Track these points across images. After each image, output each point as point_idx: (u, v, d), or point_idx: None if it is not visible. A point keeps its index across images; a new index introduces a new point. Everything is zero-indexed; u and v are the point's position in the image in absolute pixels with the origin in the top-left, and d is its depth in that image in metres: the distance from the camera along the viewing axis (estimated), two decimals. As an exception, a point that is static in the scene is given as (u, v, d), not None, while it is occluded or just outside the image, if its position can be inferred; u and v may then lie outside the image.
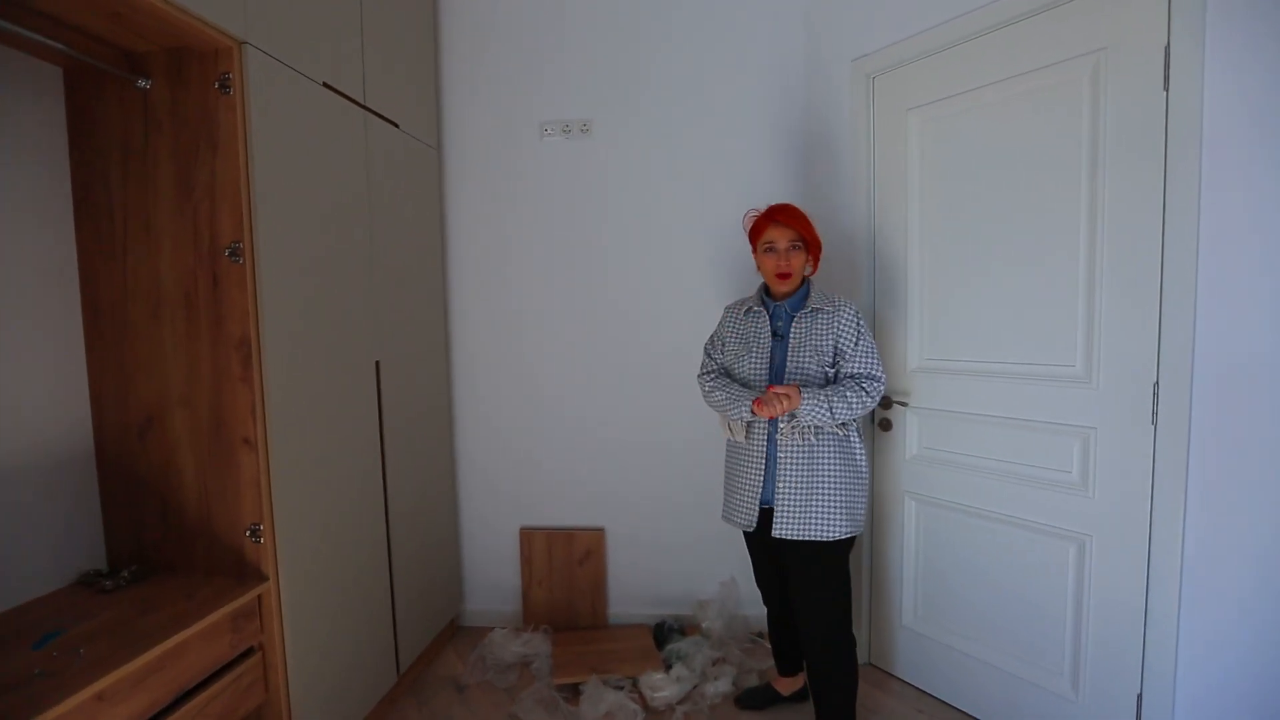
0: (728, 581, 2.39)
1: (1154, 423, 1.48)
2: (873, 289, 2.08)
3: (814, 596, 1.68)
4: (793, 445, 1.64)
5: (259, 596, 1.46)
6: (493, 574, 2.49)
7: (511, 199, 2.39)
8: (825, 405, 1.57)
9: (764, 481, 1.69)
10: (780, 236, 1.70)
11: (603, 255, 2.38)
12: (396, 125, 2.02)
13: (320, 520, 1.63)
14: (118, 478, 1.51)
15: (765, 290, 1.79)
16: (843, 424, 1.65)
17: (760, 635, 2.34)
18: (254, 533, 1.46)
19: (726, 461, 1.82)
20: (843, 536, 1.64)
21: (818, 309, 1.69)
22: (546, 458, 2.45)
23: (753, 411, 1.60)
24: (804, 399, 1.57)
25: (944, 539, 1.94)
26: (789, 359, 1.67)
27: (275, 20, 1.48)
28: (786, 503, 1.64)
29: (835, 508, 1.63)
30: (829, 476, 1.64)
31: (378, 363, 1.90)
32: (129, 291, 1.46)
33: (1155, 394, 1.47)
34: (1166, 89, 1.42)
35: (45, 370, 1.42)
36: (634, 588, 2.45)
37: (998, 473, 1.78)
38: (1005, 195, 1.72)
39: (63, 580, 1.44)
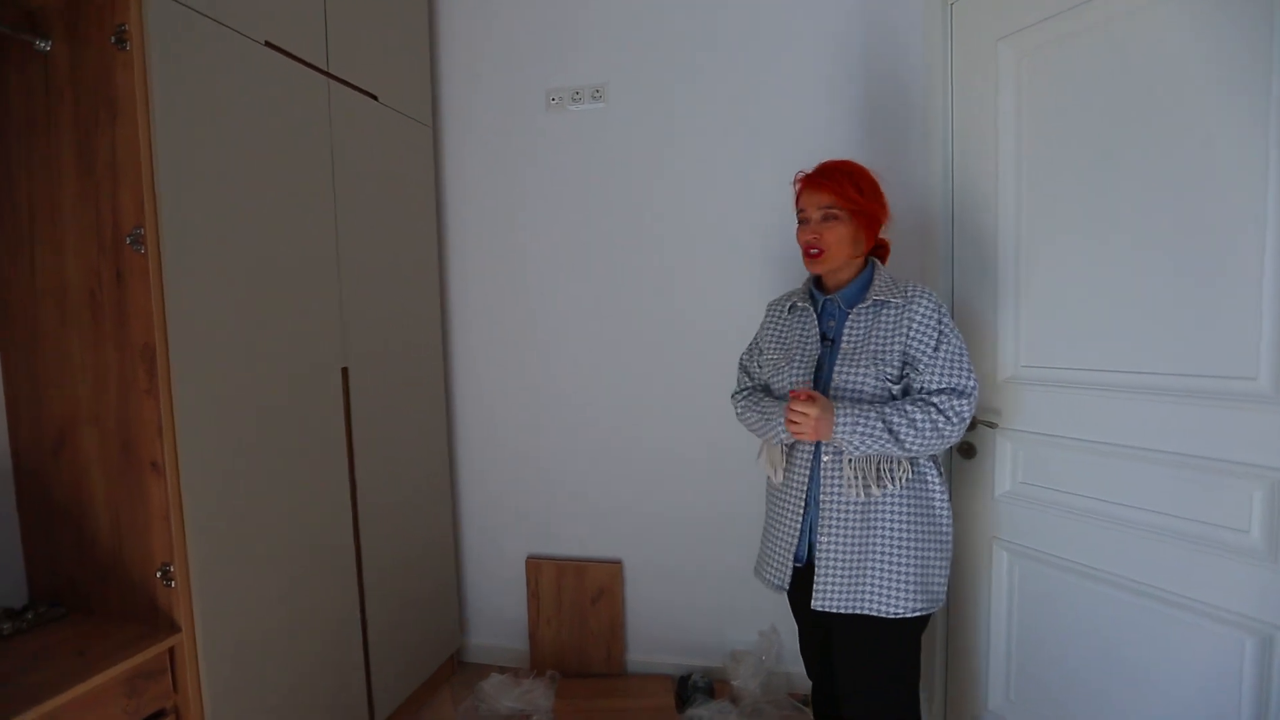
0: (768, 631, 1.99)
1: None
2: (950, 273, 1.62)
3: (866, 682, 1.27)
4: (838, 485, 1.24)
5: (170, 650, 1.23)
6: (498, 606, 2.21)
7: (519, 180, 2.09)
8: (879, 427, 1.17)
9: (800, 531, 1.30)
10: (811, 203, 1.30)
11: (624, 241, 2.03)
12: (375, 97, 1.77)
13: (255, 557, 1.38)
14: (35, 500, 1.33)
15: (815, 281, 1.39)
16: (914, 458, 1.23)
17: (805, 703, 1.92)
18: (165, 574, 1.22)
19: (766, 497, 1.43)
20: (908, 615, 1.22)
21: (882, 301, 1.27)
22: (559, 475, 2.14)
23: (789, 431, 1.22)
24: (840, 418, 1.16)
25: (1050, 605, 1.45)
26: (836, 370, 1.26)
27: (191, -38, 1.24)
28: (829, 564, 1.25)
29: (900, 576, 1.23)
30: (892, 532, 1.23)
31: (345, 370, 1.65)
32: (37, 290, 1.27)
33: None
34: None
35: (-48, 379, 1.26)
36: (656, 632, 2.10)
37: (1132, 525, 1.29)
38: (1146, 142, 1.22)
39: (-31, 619, 1.27)
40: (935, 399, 1.21)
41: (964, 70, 1.56)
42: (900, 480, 1.24)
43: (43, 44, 1.20)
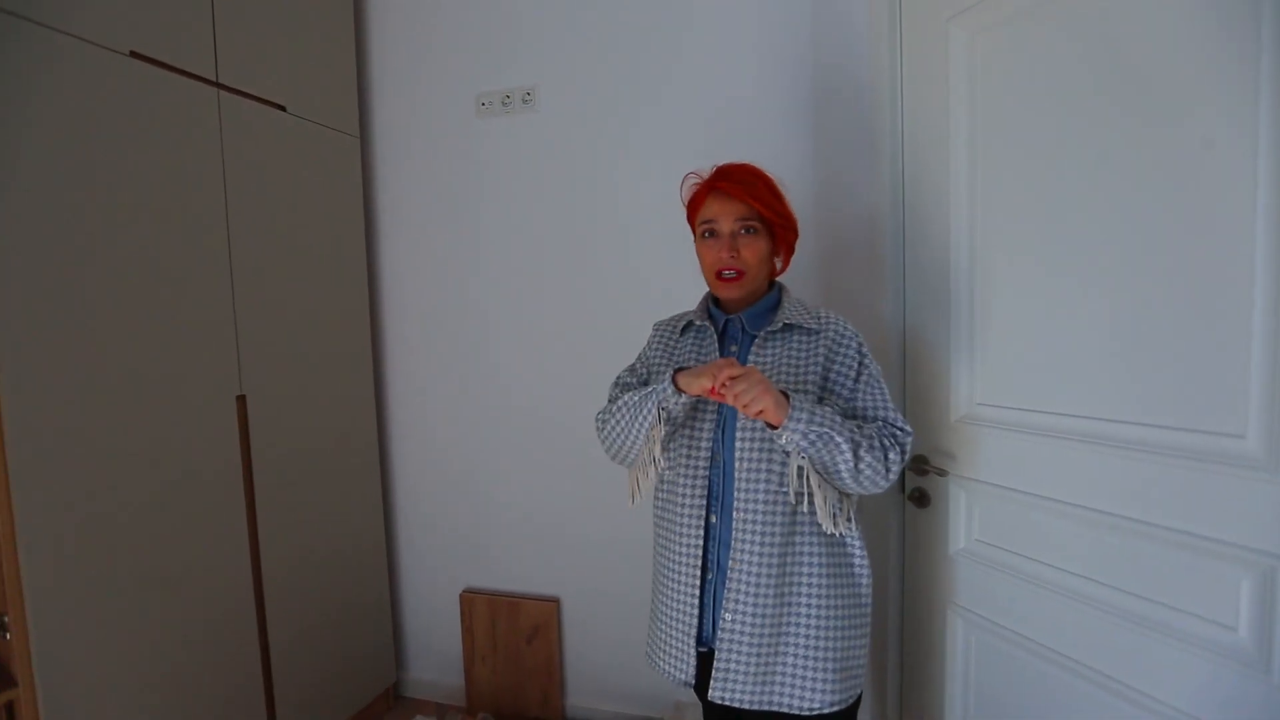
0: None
1: None
2: (902, 295, 1.40)
3: None
4: (751, 539, 1.02)
5: (8, 705, 1.15)
6: (436, 639, 2.09)
7: (453, 186, 1.95)
8: (838, 425, 0.94)
9: (698, 604, 1.07)
10: (724, 213, 1.08)
11: (564, 248, 1.87)
12: (283, 109, 1.67)
13: (116, 601, 1.28)
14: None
15: (713, 299, 1.18)
16: (834, 512, 1.01)
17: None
18: (1, 625, 1.15)
19: (653, 560, 1.23)
20: (826, 710, 1.03)
21: (794, 325, 1.08)
22: (499, 503, 2.00)
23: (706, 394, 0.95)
24: (796, 399, 0.93)
25: (1008, 684, 1.23)
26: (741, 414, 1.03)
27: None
28: (734, 648, 1.03)
29: (819, 664, 1.02)
30: (811, 608, 1.03)
31: (242, 397, 1.56)
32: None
33: None
34: None
35: None
36: (597, 676, 1.94)
37: (1099, 604, 1.06)
38: (1118, 143, 0.99)
39: None
40: (876, 425, 1.02)
41: (913, 57, 1.34)
42: (811, 534, 1.03)
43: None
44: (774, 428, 0.94)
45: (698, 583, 1.07)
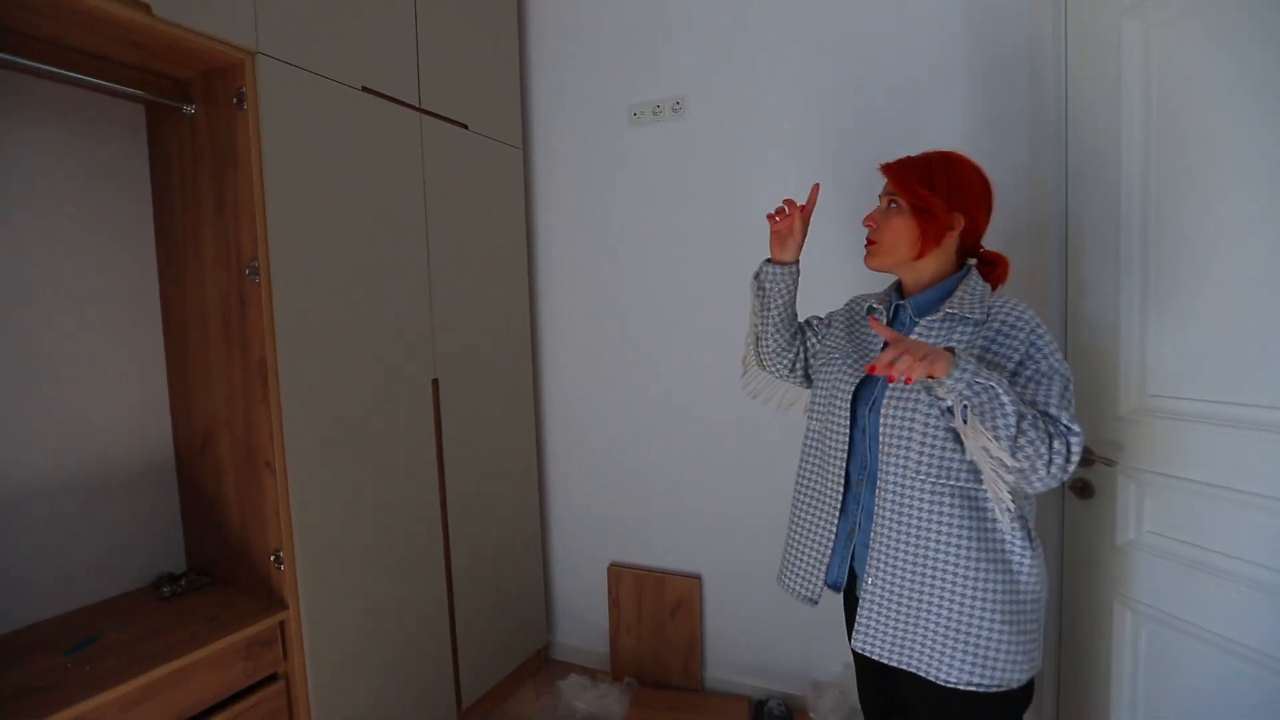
0: (852, 664, 1.86)
1: None
2: (1062, 280, 1.40)
3: None
4: (893, 512, 1.05)
5: (281, 624, 1.42)
6: (582, 609, 2.29)
7: (604, 192, 2.13)
8: (999, 391, 0.92)
9: (833, 545, 1.16)
10: (883, 191, 1.16)
11: (710, 250, 1.99)
12: (465, 126, 1.90)
13: (354, 547, 1.55)
14: (189, 490, 1.60)
15: (899, 283, 1.22)
16: (989, 499, 1.00)
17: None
18: (277, 559, 1.42)
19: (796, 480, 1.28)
20: (968, 688, 1.01)
21: (957, 316, 1.07)
22: (642, 481, 2.16)
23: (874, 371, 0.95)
24: (961, 357, 0.93)
25: (1184, 679, 1.21)
26: (892, 390, 1.08)
27: (295, 25, 1.41)
28: (874, 606, 1.08)
29: (958, 638, 1.01)
30: (954, 583, 1.02)
31: (435, 381, 1.79)
32: (188, 314, 1.52)
33: None
34: None
35: (134, 386, 1.54)
36: (736, 650, 2.05)
37: (1290, 597, 1.04)
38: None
39: (144, 580, 1.56)
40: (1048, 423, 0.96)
41: (1080, 52, 1.34)
42: (961, 513, 1.02)
43: (189, 109, 1.44)
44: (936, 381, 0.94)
45: (834, 517, 1.16)
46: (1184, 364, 1.18)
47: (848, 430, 1.14)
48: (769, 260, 1.26)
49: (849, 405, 1.14)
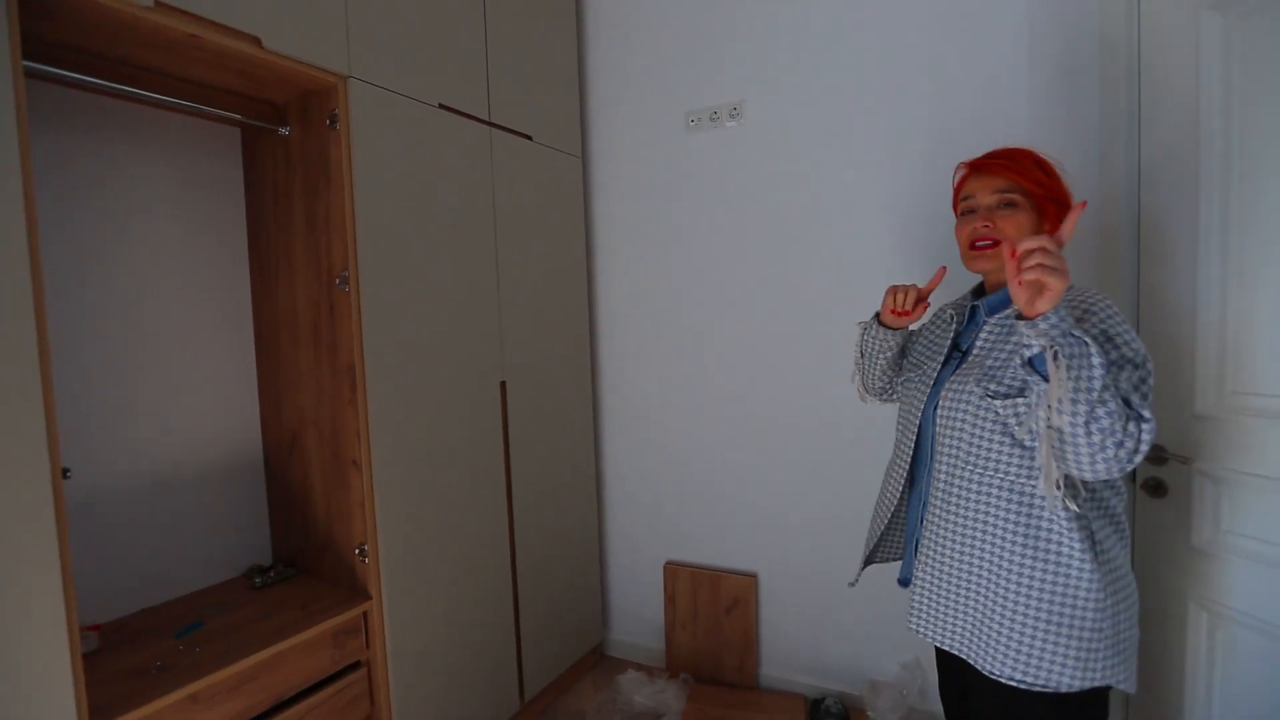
0: (910, 664, 1.87)
1: None
2: (1135, 276, 1.40)
3: None
4: (945, 502, 1.08)
5: (364, 614, 1.50)
6: (638, 606, 2.33)
7: (661, 198, 2.19)
8: (1090, 348, 0.86)
9: (900, 520, 1.28)
10: (981, 188, 1.10)
11: (765, 251, 2.03)
12: (529, 138, 1.98)
13: (430, 542, 1.63)
14: (276, 486, 1.70)
15: (975, 290, 1.23)
16: (1054, 468, 0.94)
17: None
18: (361, 552, 1.50)
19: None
20: (1004, 680, 1.01)
21: None
22: (699, 480, 2.20)
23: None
24: (1063, 310, 0.87)
25: (1266, 678, 1.20)
26: (949, 383, 1.10)
27: (382, 50, 1.50)
28: (923, 591, 1.13)
29: (1003, 633, 1.01)
30: (999, 577, 1.01)
31: (503, 383, 1.87)
32: (279, 320, 1.62)
33: None
34: None
35: (228, 388, 1.65)
36: (791, 648, 2.07)
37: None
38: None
39: (236, 570, 1.66)
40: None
41: (1154, 49, 1.34)
42: (1010, 511, 1.00)
43: (284, 130, 1.54)
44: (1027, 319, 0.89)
45: (899, 493, 1.23)
46: (1267, 360, 1.18)
47: (915, 432, 1.19)
48: (879, 320, 1.28)
49: (919, 412, 1.17)
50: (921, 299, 1.23)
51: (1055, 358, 0.86)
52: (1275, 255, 1.15)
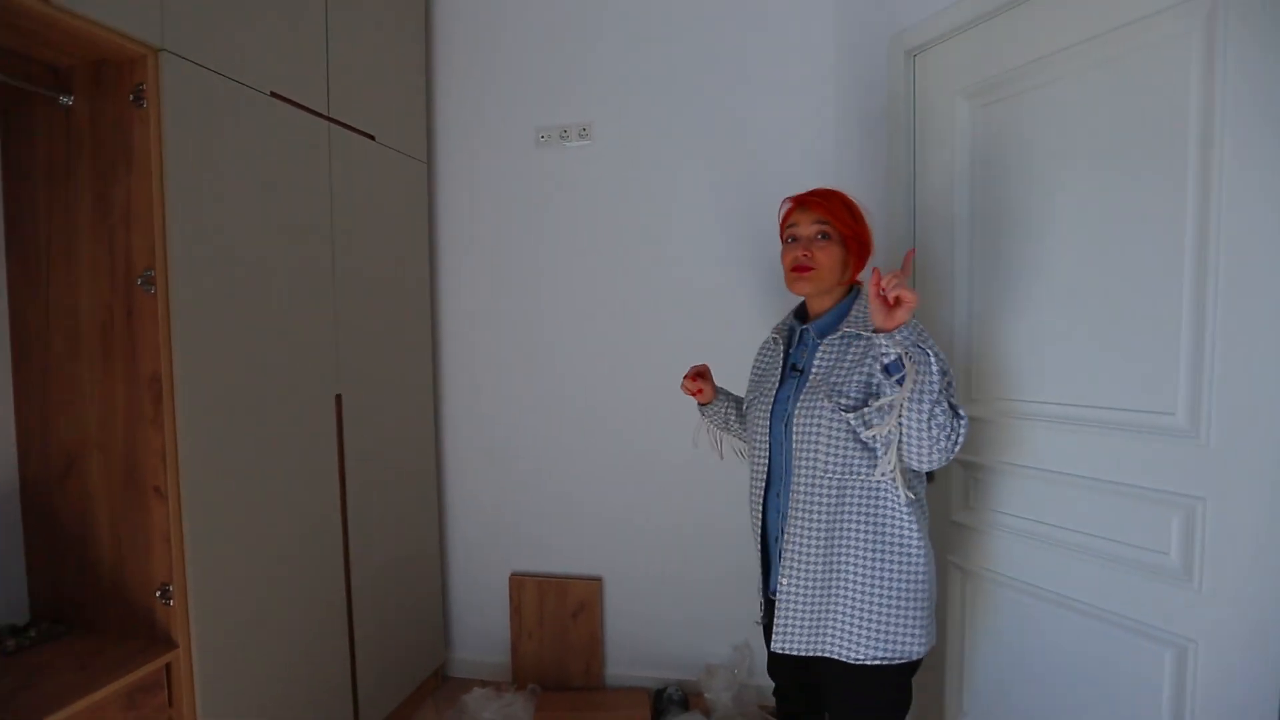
0: (740, 645, 2.08)
1: (1292, 498, 1.08)
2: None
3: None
4: (801, 516, 1.21)
5: (167, 666, 1.30)
6: (483, 621, 2.28)
7: (510, 211, 2.19)
8: (931, 357, 1.05)
9: (763, 562, 1.35)
10: (803, 220, 1.27)
11: (613, 265, 2.14)
12: (372, 138, 1.87)
13: (250, 578, 1.46)
14: (40, 524, 1.40)
15: (798, 312, 1.39)
16: (895, 457, 1.14)
17: (772, 712, 2.00)
18: (164, 593, 1.30)
19: None
20: (869, 662, 1.18)
21: (853, 335, 1.21)
22: (549, 492, 2.22)
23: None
24: (908, 329, 1.06)
25: (997, 615, 1.56)
26: (800, 401, 1.23)
27: (205, 25, 1.34)
28: (789, 606, 1.22)
29: (867, 619, 1.17)
30: (858, 572, 1.18)
31: (339, 396, 1.74)
32: (50, 324, 1.35)
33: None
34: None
35: (-33, 407, 1.33)
36: (635, 646, 2.18)
37: (1071, 547, 1.40)
38: (1084, 192, 1.34)
39: (-26, 635, 1.33)
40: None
41: (924, 119, 1.69)
42: (859, 501, 1.18)
43: (66, 99, 1.30)
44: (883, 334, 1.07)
45: (760, 547, 1.35)
46: (991, 371, 1.54)
47: (767, 451, 1.30)
48: (700, 407, 1.57)
49: (767, 431, 1.30)
50: (698, 375, 1.50)
51: (911, 360, 1.05)
52: (1009, 302, 1.51)
